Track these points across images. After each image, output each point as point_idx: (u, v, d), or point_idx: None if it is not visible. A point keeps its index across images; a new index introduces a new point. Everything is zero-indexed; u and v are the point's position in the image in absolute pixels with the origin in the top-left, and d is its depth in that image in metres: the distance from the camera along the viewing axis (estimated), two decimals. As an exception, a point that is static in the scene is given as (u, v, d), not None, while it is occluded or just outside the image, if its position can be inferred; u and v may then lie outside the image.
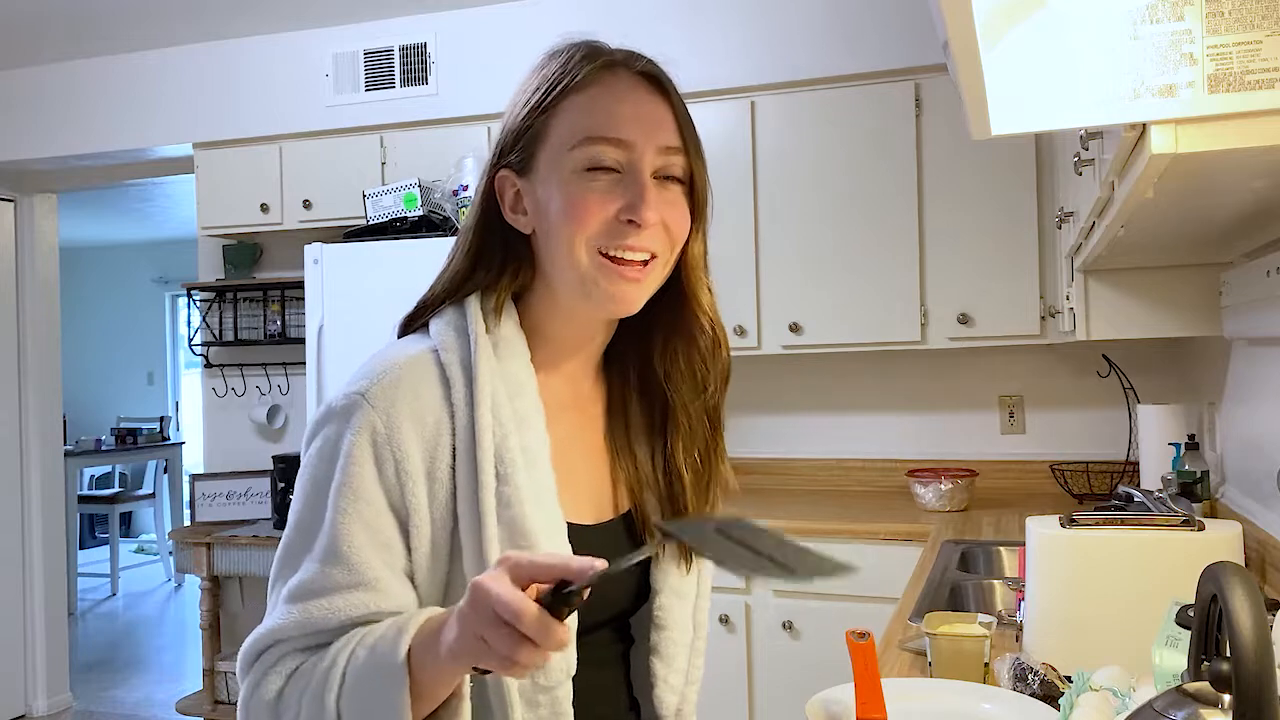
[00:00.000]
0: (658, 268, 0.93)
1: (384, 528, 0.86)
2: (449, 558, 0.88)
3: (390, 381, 0.88)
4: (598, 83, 0.92)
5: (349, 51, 3.68)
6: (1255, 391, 2.04)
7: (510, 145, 0.94)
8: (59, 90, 4.05)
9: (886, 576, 2.65)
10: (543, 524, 0.88)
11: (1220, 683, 0.70)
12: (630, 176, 0.90)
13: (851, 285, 3.10)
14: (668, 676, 0.99)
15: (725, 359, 1.00)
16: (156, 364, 8.62)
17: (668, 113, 0.94)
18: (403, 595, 0.86)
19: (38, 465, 4.36)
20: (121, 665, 5.19)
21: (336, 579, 0.84)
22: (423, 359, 0.91)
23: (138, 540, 8.16)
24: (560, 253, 0.91)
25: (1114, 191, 1.31)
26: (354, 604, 0.84)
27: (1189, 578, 0.77)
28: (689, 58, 3.27)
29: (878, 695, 1.10)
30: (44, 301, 4.43)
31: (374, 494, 0.86)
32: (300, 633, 0.85)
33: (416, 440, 0.87)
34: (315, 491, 0.88)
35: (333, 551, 0.85)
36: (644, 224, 0.89)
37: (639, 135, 0.91)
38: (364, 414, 0.87)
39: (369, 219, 3.41)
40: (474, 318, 0.92)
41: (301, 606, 0.84)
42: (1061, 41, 0.89)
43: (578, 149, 0.90)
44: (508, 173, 0.95)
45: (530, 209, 0.94)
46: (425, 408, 0.88)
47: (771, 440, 3.52)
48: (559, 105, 0.92)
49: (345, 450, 0.86)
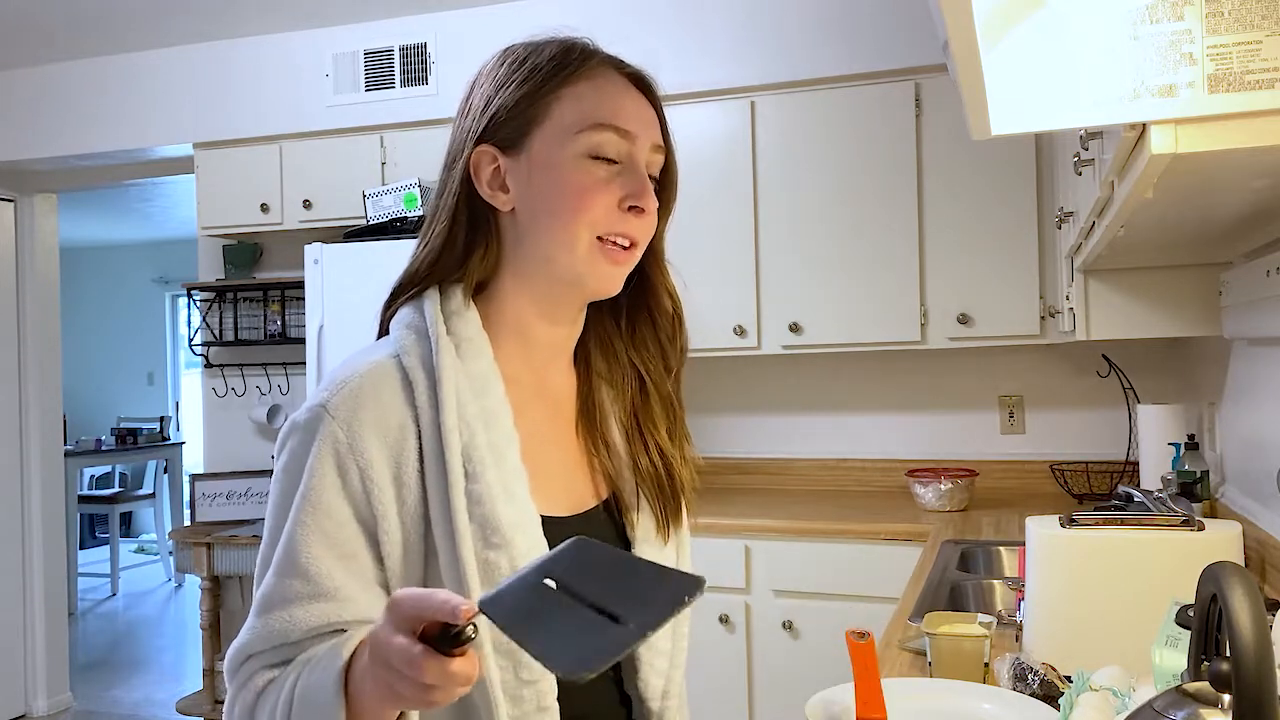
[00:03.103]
0: (636, 254, 0.96)
1: (347, 539, 0.86)
2: (424, 560, 0.89)
3: (351, 391, 0.89)
4: (601, 75, 0.95)
5: (349, 51, 3.68)
6: (1255, 391, 2.04)
7: (499, 122, 0.95)
8: (59, 90, 4.05)
9: (886, 576, 2.66)
10: (515, 519, 0.88)
11: (1220, 683, 0.70)
12: (631, 166, 0.93)
13: (851, 285, 3.10)
14: (653, 661, 0.99)
15: (684, 339, 1.06)
16: (156, 364, 8.62)
17: (654, 115, 0.98)
18: (368, 604, 0.86)
19: (38, 465, 4.36)
20: (121, 665, 5.19)
21: (296, 590, 0.85)
22: (383, 365, 0.91)
23: (138, 540, 8.16)
24: (553, 233, 0.92)
25: (1114, 191, 1.31)
26: (314, 614, 0.84)
27: (1189, 578, 0.77)
28: (689, 58, 3.27)
29: (878, 695, 1.10)
30: (44, 301, 4.43)
31: (337, 505, 0.86)
32: (266, 645, 0.86)
33: (380, 447, 0.87)
34: (281, 505, 0.88)
35: (291, 563, 0.85)
36: (647, 211, 0.93)
37: (640, 129, 0.94)
38: (326, 425, 0.87)
39: (369, 219, 3.41)
40: (434, 318, 0.93)
41: (264, 620, 0.85)
42: (1061, 41, 0.89)
43: (585, 133, 0.92)
44: (489, 148, 0.95)
45: (514, 187, 0.94)
46: (388, 413, 0.88)
47: (771, 440, 3.52)
48: (561, 90, 0.94)
49: (309, 463, 0.87)
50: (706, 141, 3.23)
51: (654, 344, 1.04)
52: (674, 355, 1.05)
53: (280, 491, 0.89)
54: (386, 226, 3.31)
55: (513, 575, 0.69)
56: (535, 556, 0.70)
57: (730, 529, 2.86)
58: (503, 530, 0.87)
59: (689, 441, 1.08)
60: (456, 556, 0.86)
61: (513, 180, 0.94)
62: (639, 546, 1.00)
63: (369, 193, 3.44)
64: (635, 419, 1.04)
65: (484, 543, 0.86)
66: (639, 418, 1.04)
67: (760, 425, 3.53)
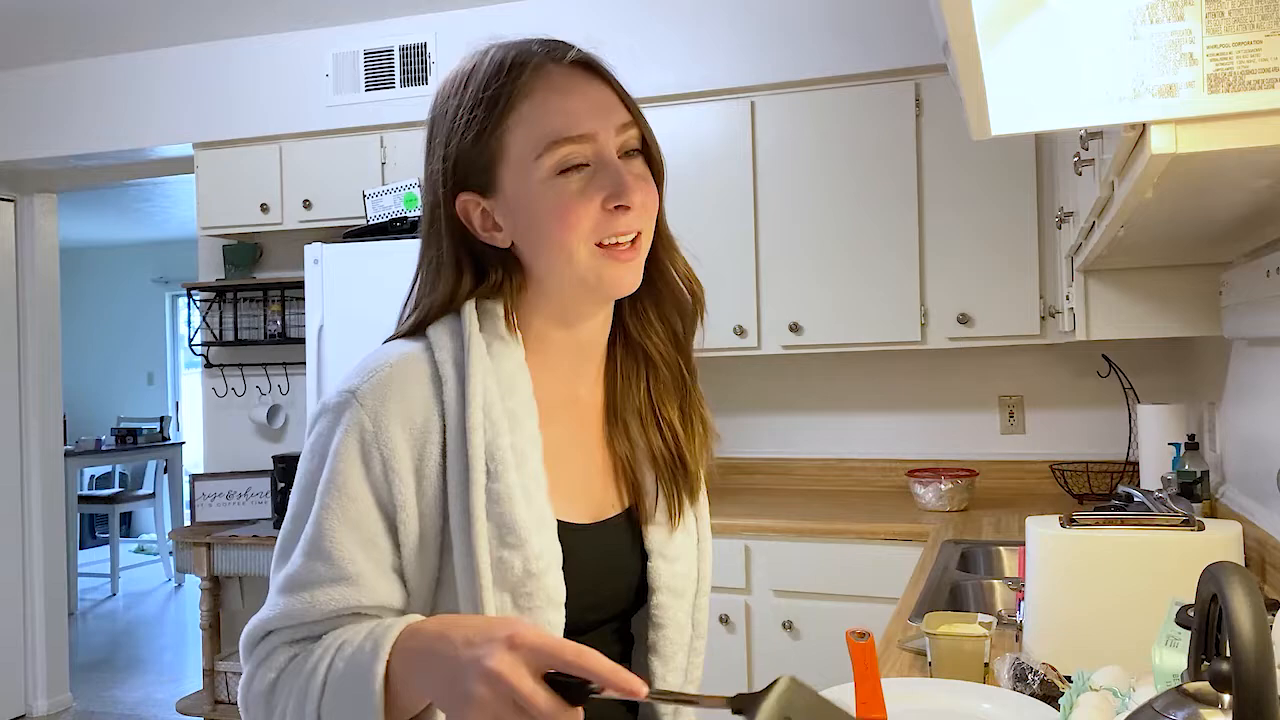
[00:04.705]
0: (644, 243, 0.95)
1: (368, 524, 0.88)
2: (439, 553, 0.90)
3: (381, 380, 0.90)
4: (539, 86, 0.92)
5: (349, 51, 3.68)
6: (1255, 391, 2.04)
7: (466, 171, 0.94)
8: (59, 90, 4.05)
9: (886, 576, 2.65)
10: (531, 521, 0.89)
11: (1220, 683, 0.70)
12: (602, 165, 0.92)
13: (851, 285, 3.10)
14: (666, 675, 0.99)
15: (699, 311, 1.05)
16: (156, 364, 8.62)
17: (610, 93, 0.94)
18: (387, 590, 0.88)
19: (38, 465, 4.36)
20: (121, 665, 5.19)
21: (319, 573, 0.87)
22: (415, 357, 0.92)
23: (138, 540, 8.16)
24: (553, 256, 0.92)
25: (1114, 191, 1.31)
26: (335, 598, 0.86)
27: (1189, 578, 0.77)
28: (689, 57, 3.27)
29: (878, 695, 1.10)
30: (44, 301, 4.43)
31: (360, 491, 0.88)
32: (288, 624, 0.88)
33: (404, 438, 0.88)
34: (306, 486, 0.90)
35: (316, 546, 0.87)
36: (632, 206, 0.92)
37: (597, 124, 0.92)
38: (353, 412, 0.89)
39: (369, 219, 3.41)
40: (469, 319, 0.93)
41: (287, 599, 0.87)
42: (1061, 41, 0.89)
43: (544, 156, 0.91)
44: (471, 196, 0.95)
45: (505, 224, 0.94)
46: (415, 406, 0.89)
47: (771, 440, 3.52)
48: (506, 121, 0.92)
49: (334, 447, 0.88)
50: (706, 141, 3.23)
51: (660, 322, 1.03)
52: (681, 330, 1.04)
53: (304, 471, 0.91)
54: (386, 226, 3.31)
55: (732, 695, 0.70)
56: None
57: (730, 529, 2.86)
58: (519, 531, 0.88)
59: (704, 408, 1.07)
60: (471, 553, 0.87)
61: (501, 219, 0.95)
62: (654, 559, 1.00)
63: (369, 193, 3.44)
64: (650, 400, 1.03)
65: (499, 542, 0.87)
66: (653, 397, 1.03)
67: (760, 425, 3.53)
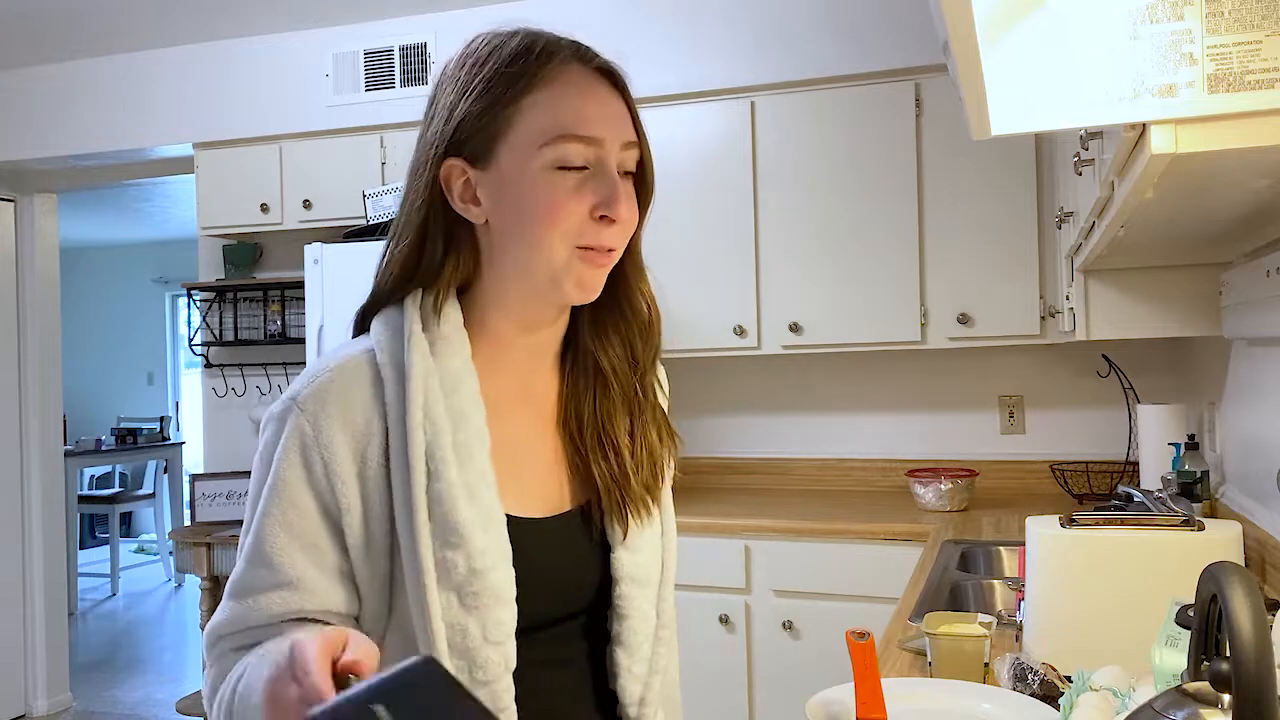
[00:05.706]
0: (616, 256, 0.95)
1: (311, 528, 0.89)
2: (389, 555, 0.90)
3: (321, 385, 0.91)
4: (561, 79, 0.91)
5: (349, 51, 3.68)
6: (1255, 391, 2.04)
7: (464, 136, 0.93)
8: (58, 90, 4.05)
9: (886, 576, 2.66)
10: (476, 519, 0.89)
11: (1220, 683, 0.70)
12: (600, 173, 0.91)
13: (851, 285, 3.10)
14: (631, 666, 0.99)
15: (658, 339, 1.04)
16: (156, 364, 8.62)
17: (624, 108, 0.94)
18: (329, 594, 0.89)
19: (38, 465, 4.36)
20: (121, 665, 5.20)
21: (262, 578, 0.89)
22: (357, 359, 0.93)
23: (138, 540, 8.16)
24: (528, 246, 0.92)
25: (1114, 191, 1.31)
26: (276, 602, 0.88)
27: (1189, 578, 0.77)
28: (689, 57, 3.27)
29: (878, 695, 1.10)
30: (44, 301, 4.43)
31: (301, 495, 0.89)
32: (234, 629, 0.90)
33: (345, 440, 0.89)
34: (254, 493, 0.92)
35: (258, 552, 0.89)
36: (619, 220, 0.91)
37: (606, 131, 0.91)
38: (294, 418, 0.90)
39: (369, 219, 3.42)
40: (411, 317, 0.93)
41: (233, 605, 0.90)
42: (1061, 41, 0.89)
43: (549, 146, 0.90)
44: (458, 161, 0.94)
45: (486, 201, 0.93)
46: (355, 408, 0.90)
47: (772, 440, 3.52)
48: (521, 101, 0.91)
49: (277, 454, 0.90)
50: (706, 142, 3.23)
51: (620, 343, 1.02)
52: (641, 352, 1.03)
53: (254, 480, 0.93)
54: (386, 226, 3.30)
55: (350, 690, 0.66)
56: (377, 675, 0.67)
57: (730, 529, 2.86)
58: (461, 529, 0.88)
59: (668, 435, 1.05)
60: (416, 554, 0.87)
61: (483, 193, 0.93)
62: (616, 550, 0.99)
63: (369, 193, 3.44)
64: (595, 417, 1.02)
65: (442, 542, 0.88)
66: (599, 414, 1.02)
67: (760, 425, 3.53)
